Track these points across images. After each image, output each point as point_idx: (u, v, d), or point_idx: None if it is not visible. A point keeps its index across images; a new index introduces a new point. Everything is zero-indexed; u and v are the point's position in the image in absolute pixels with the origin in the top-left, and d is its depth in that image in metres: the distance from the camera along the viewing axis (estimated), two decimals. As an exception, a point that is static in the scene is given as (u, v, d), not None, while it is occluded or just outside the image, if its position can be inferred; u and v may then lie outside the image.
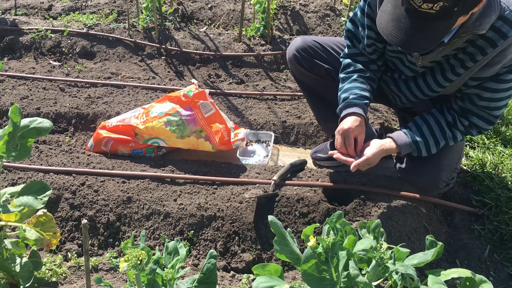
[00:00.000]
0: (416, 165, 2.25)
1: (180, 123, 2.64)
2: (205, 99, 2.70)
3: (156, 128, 2.66)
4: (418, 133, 2.15)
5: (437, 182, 2.26)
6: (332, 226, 1.55)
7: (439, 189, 2.34)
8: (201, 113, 2.65)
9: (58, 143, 2.96)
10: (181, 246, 1.54)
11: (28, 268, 1.88)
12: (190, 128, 2.64)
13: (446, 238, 2.38)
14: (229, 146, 2.75)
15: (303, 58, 2.47)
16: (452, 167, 2.28)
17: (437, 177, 2.24)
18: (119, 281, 2.09)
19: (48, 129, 1.88)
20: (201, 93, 2.70)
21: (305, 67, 2.49)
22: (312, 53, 2.46)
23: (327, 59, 2.47)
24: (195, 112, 2.65)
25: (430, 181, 2.26)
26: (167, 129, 2.64)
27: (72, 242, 2.33)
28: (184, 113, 2.65)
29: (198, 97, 2.69)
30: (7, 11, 4.38)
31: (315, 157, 2.80)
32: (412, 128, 2.17)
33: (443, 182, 2.27)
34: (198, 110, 2.65)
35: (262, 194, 2.34)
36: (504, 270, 2.22)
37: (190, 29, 4.04)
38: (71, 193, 2.41)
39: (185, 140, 2.66)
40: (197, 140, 2.67)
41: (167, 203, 2.39)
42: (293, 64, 2.54)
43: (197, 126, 2.65)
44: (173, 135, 2.65)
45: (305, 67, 2.49)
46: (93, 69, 3.61)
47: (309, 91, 2.66)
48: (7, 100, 3.16)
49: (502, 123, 3.07)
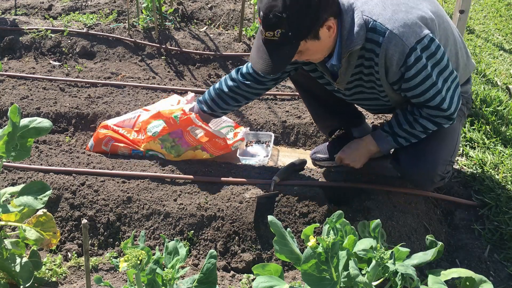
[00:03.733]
0: (411, 159, 2.26)
1: (173, 144, 2.64)
2: (191, 124, 2.61)
3: (154, 145, 2.68)
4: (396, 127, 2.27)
5: (432, 177, 2.26)
6: (332, 226, 1.55)
7: (434, 184, 2.34)
8: (192, 136, 2.63)
9: (58, 143, 2.96)
10: (181, 246, 1.54)
11: (28, 268, 1.88)
12: (184, 149, 2.65)
13: (446, 238, 2.38)
14: (227, 149, 2.74)
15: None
16: (447, 161, 2.28)
17: (432, 171, 2.24)
18: (119, 281, 2.09)
19: (48, 129, 1.88)
20: (187, 120, 2.60)
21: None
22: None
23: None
24: (185, 135, 2.63)
25: (425, 175, 2.26)
26: (163, 150, 2.67)
27: (72, 242, 2.33)
28: (175, 137, 2.64)
29: (185, 124, 2.60)
30: (7, 11, 4.38)
31: (314, 158, 2.81)
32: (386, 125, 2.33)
33: (438, 176, 2.27)
34: (188, 134, 2.63)
35: (262, 194, 2.34)
36: (504, 270, 2.22)
37: (190, 29, 4.04)
38: (71, 193, 2.41)
39: (183, 156, 2.68)
40: (194, 152, 2.68)
41: (167, 203, 2.39)
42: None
43: (190, 146, 2.65)
44: (170, 154, 2.67)
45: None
46: (93, 69, 3.61)
47: (305, 91, 2.67)
48: (7, 100, 3.16)
49: (502, 123, 3.07)
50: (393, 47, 1.96)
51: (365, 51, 2.04)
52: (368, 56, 2.05)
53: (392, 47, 1.96)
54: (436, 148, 2.24)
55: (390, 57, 1.99)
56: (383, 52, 1.99)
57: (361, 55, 2.07)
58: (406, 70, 2.01)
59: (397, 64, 2.00)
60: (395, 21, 1.96)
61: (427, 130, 2.21)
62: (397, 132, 2.26)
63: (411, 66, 1.99)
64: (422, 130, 2.21)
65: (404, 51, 1.97)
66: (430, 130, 2.21)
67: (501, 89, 3.51)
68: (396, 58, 1.98)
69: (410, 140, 2.26)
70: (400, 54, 1.97)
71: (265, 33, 1.94)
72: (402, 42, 1.95)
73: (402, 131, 2.24)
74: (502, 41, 4.31)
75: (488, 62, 3.92)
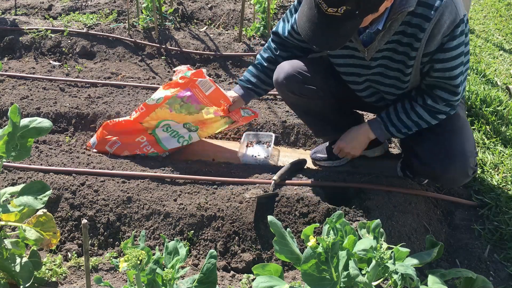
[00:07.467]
0: (440, 159, 2.21)
1: (182, 103, 2.60)
2: (203, 76, 2.62)
3: (161, 113, 2.63)
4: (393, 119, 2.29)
5: (467, 171, 2.23)
6: (332, 226, 1.55)
7: (468, 178, 2.30)
8: (201, 92, 2.58)
9: (58, 143, 2.96)
10: (181, 246, 1.54)
11: (28, 268, 1.88)
12: (194, 106, 2.61)
13: (446, 238, 2.39)
14: (238, 113, 2.68)
15: (293, 86, 2.41)
16: (474, 152, 2.25)
17: (466, 165, 2.21)
18: (119, 281, 2.09)
19: (48, 129, 1.87)
20: (198, 72, 2.61)
21: (295, 93, 2.45)
22: (301, 79, 2.39)
23: (316, 82, 2.41)
24: (195, 91, 2.59)
25: (460, 171, 2.22)
26: (173, 113, 2.62)
27: (72, 242, 2.33)
28: (184, 94, 2.59)
29: (196, 75, 2.60)
30: (7, 11, 4.38)
31: (315, 158, 2.81)
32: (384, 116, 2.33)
33: (471, 169, 2.24)
34: (198, 89, 2.58)
35: (262, 194, 2.34)
36: (504, 270, 2.22)
37: (190, 29, 4.05)
38: (71, 193, 2.41)
39: (194, 116, 2.63)
40: (205, 116, 2.63)
41: (167, 203, 2.39)
42: (282, 92, 2.50)
43: (200, 104, 2.61)
44: (180, 114, 2.62)
45: (295, 93, 2.44)
46: (93, 69, 3.61)
47: (303, 112, 2.62)
48: (7, 100, 3.16)
49: (502, 123, 3.07)
50: (448, 14, 1.93)
51: (413, 16, 1.98)
52: (415, 22, 1.99)
53: (447, 14, 1.93)
54: (461, 142, 2.21)
55: (442, 23, 1.95)
56: (436, 17, 1.93)
57: (406, 21, 2.00)
58: (449, 40, 1.99)
59: (444, 32, 1.97)
60: None
61: (419, 121, 2.22)
62: (392, 119, 2.27)
63: (455, 37, 1.99)
64: (416, 120, 2.22)
65: (455, 20, 1.95)
66: (423, 122, 2.22)
67: (501, 89, 3.51)
68: (446, 25, 1.95)
69: (401, 131, 2.27)
70: (451, 22, 1.95)
71: (326, 8, 1.81)
72: (456, 10, 1.94)
73: (397, 119, 2.26)
74: (502, 41, 4.31)
75: (488, 62, 3.92)
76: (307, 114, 2.62)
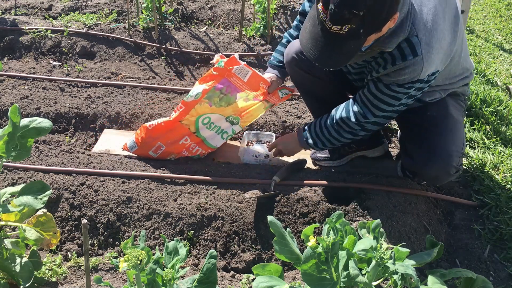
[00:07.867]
0: (424, 155, 2.25)
1: (222, 96, 2.54)
2: (237, 63, 2.55)
3: (201, 108, 2.56)
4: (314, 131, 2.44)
5: (448, 169, 2.26)
6: (332, 226, 1.55)
7: (450, 176, 2.32)
8: (240, 79, 2.53)
9: (58, 143, 2.96)
10: (181, 246, 1.54)
11: (28, 268, 1.88)
12: (234, 96, 2.57)
13: (446, 238, 2.39)
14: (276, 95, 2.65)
15: (302, 60, 2.46)
16: (460, 152, 2.28)
17: (448, 163, 2.24)
18: (119, 281, 2.09)
19: (48, 129, 1.88)
20: (231, 59, 2.54)
21: (304, 69, 2.49)
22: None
23: None
24: (232, 80, 2.54)
25: (442, 168, 2.25)
26: (213, 107, 2.56)
27: (72, 242, 2.33)
28: (222, 85, 2.52)
29: (230, 63, 2.54)
30: (7, 11, 4.38)
31: (314, 157, 2.81)
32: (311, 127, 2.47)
33: (453, 168, 2.26)
34: (235, 77, 2.53)
35: (262, 194, 2.35)
36: (504, 270, 2.22)
37: (190, 29, 4.04)
38: (71, 193, 2.41)
39: (234, 105, 2.59)
40: (246, 103, 2.60)
41: (167, 203, 2.39)
42: (291, 67, 2.54)
43: (240, 92, 2.57)
44: (220, 107, 2.57)
45: (304, 69, 2.49)
46: (93, 69, 3.61)
47: (308, 93, 2.68)
48: (7, 100, 3.16)
49: (502, 123, 3.08)
50: (410, 71, 2.01)
51: (387, 52, 2.04)
52: (385, 57, 2.05)
53: (409, 70, 2.00)
54: (447, 140, 2.24)
55: (401, 74, 2.03)
56: (400, 66, 2.01)
57: (381, 52, 2.06)
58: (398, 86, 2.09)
59: (398, 80, 2.06)
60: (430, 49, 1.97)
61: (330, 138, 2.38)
62: (309, 128, 2.44)
63: (402, 86, 2.08)
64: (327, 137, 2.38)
65: (413, 78, 2.03)
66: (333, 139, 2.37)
67: (501, 89, 3.51)
68: (403, 77, 2.04)
69: (315, 139, 2.42)
70: (408, 78, 2.04)
71: (331, 26, 1.82)
72: (420, 72, 2.00)
73: (313, 128, 2.42)
74: (502, 41, 4.31)
75: (488, 62, 3.92)
76: (311, 97, 2.68)
